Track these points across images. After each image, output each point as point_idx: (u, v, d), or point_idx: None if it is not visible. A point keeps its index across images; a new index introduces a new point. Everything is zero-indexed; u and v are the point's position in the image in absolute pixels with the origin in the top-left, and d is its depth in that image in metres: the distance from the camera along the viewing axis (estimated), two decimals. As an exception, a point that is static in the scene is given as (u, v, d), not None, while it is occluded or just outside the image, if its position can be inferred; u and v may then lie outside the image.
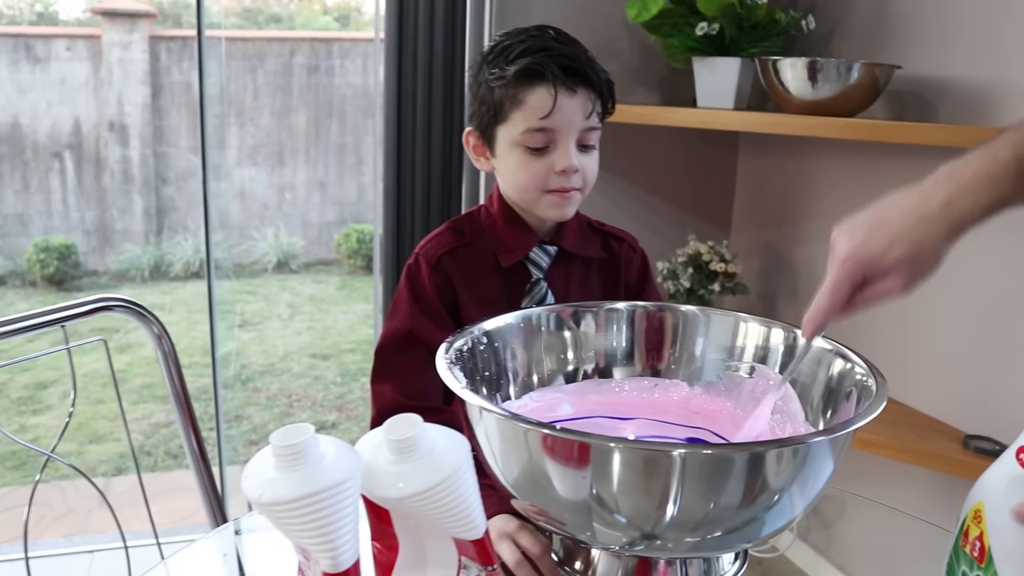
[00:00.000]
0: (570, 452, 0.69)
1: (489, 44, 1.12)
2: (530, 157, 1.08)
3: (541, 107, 1.05)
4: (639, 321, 1.01)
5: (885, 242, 0.79)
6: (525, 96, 1.06)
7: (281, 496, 0.58)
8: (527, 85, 1.05)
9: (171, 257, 5.40)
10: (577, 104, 1.06)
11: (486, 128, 1.11)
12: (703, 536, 0.73)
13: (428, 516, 0.63)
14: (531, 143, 1.07)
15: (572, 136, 1.07)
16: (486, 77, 1.09)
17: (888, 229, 0.80)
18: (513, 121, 1.08)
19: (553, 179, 1.08)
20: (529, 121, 1.06)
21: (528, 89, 1.06)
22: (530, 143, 1.07)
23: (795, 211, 2.14)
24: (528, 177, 1.08)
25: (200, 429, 1.26)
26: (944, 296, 1.73)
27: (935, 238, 0.78)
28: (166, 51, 5.35)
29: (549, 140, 1.07)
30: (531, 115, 1.06)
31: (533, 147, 1.07)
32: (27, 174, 5.23)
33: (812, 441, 0.71)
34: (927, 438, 1.69)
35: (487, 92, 1.09)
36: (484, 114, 1.10)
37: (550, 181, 1.08)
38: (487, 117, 1.10)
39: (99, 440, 3.70)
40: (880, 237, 0.80)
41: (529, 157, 1.08)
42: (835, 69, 1.68)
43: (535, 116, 1.06)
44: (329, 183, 5.73)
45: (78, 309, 1.16)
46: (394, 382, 1.08)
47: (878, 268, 0.80)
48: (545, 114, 1.05)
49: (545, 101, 1.05)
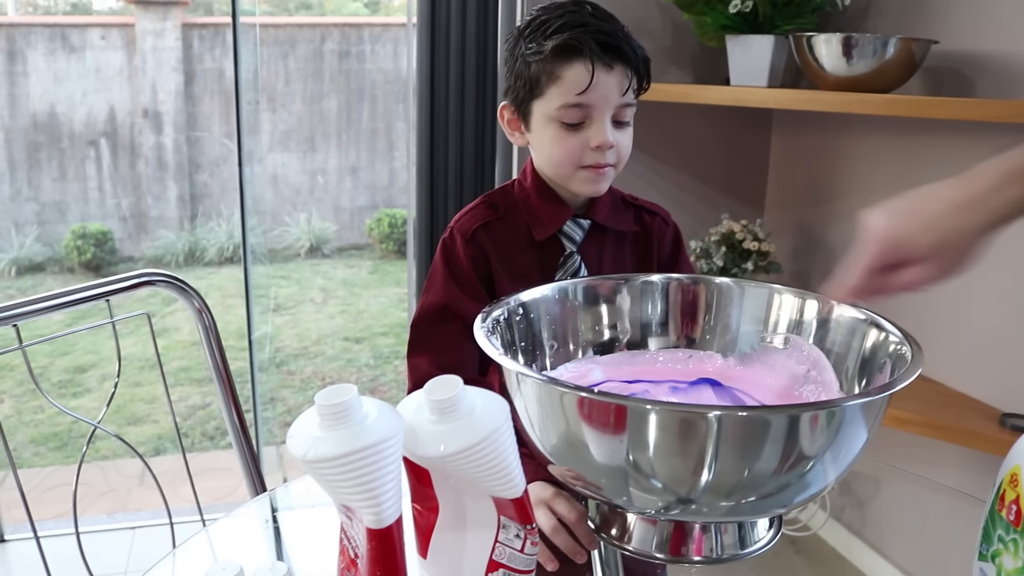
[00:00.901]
0: (606, 415, 0.70)
1: (526, 18, 1.13)
2: (565, 132, 1.08)
3: (578, 83, 1.05)
4: (674, 293, 1.01)
5: (922, 227, 0.77)
6: (562, 71, 1.06)
7: (326, 453, 0.59)
8: (564, 60, 1.06)
9: (205, 243, 5.46)
10: (613, 80, 1.07)
11: (521, 103, 1.12)
12: (737, 500, 0.74)
13: (468, 475, 0.64)
14: (567, 119, 1.08)
15: (608, 112, 1.08)
16: (522, 51, 1.09)
17: (925, 215, 0.78)
18: (549, 96, 1.08)
19: (588, 155, 1.08)
20: (565, 97, 1.07)
21: (565, 64, 1.06)
22: (566, 119, 1.08)
23: (829, 190, 2.12)
24: (563, 153, 1.09)
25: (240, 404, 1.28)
26: (980, 273, 1.71)
27: (973, 229, 0.76)
28: (198, 38, 5.40)
29: (585, 116, 1.08)
30: (567, 91, 1.06)
31: (569, 123, 1.08)
32: (64, 162, 5.31)
33: (847, 404, 0.72)
34: (962, 416, 1.68)
35: (523, 67, 1.09)
36: (520, 89, 1.11)
37: (585, 157, 1.09)
38: (523, 92, 1.11)
39: (137, 422, 3.76)
40: (916, 222, 0.78)
41: (564, 132, 1.08)
42: (871, 45, 1.66)
43: (571, 92, 1.06)
44: (361, 168, 5.76)
45: (122, 284, 1.19)
46: (430, 355, 1.10)
47: (911, 254, 0.78)
48: (582, 90, 1.06)
49: (582, 77, 1.05)
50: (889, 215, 0.79)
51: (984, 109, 1.53)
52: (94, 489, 3.01)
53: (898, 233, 0.78)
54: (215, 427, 3.76)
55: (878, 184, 1.96)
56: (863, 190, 2.00)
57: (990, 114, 1.51)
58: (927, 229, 0.77)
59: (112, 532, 2.49)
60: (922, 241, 0.77)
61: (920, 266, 0.79)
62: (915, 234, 0.77)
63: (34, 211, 5.32)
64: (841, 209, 2.08)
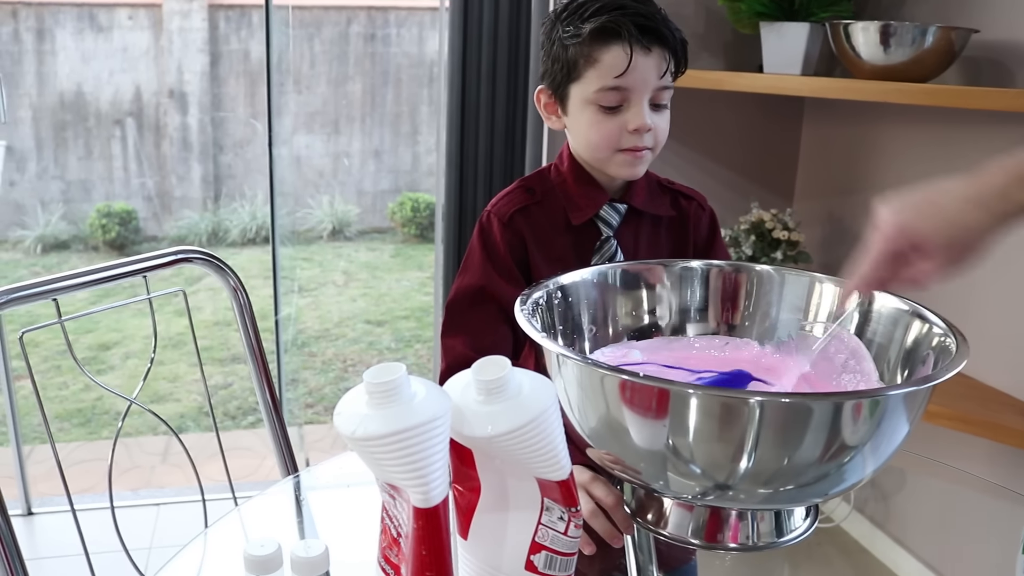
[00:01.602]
0: (648, 399, 0.70)
1: (562, 1, 1.12)
2: (603, 116, 1.08)
3: (616, 66, 1.05)
4: (714, 280, 1.01)
5: (933, 221, 0.78)
6: (600, 54, 1.06)
7: (374, 431, 0.59)
8: (602, 43, 1.05)
9: (228, 223, 5.49)
10: (652, 63, 1.06)
11: (559, 86, 1.12)
12: (775, 488, 0.74)
13: (515, 456, 0.64)
14: (605, 102, 1.07)
15: (646, 95, 1.07)
16: (560, 35, 1.09)
17: (937, 209, 0.78)
18: (587, 79, 1.07)
19: (626, 138, 1.08)
20: (604, 80, 1.06)
21: (603, 47, 1.05)
22: (604, 102, 1.07)
23: (861, 180, 2.10)
24: (601, 136, 1.09)
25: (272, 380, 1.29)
26: (1013, 268, 1.70)
27: (985, 225, 0.77)
28: (224, 20, 5.41)
29: (623, 99, 1.07)
30: (606, 74, 1.06)
31: (607, 106, 1.07)
32: (90, 141, 5.34)
33: (890, 394, 0.71)
34: (994, 411, 1.67)
35: (560, 50, 1.09)
36: (557, 72, 1.10)
37: (623, 140, 1.08)
38: (560, 75, 1.10)
39: (160, 400, 3.79)
40: (928, 216, 0.78)
41: (602, 116, 1.08)
42: (909, 33, 1.65)
43: (610, 75, 1.05)
44: (384, 151, 5.76)
45: (159, 260, 1.19)
46: (465, 336, 1.10)
47: (920, 247, 0.79)
48: (620, 73, 1.05)
49: (620, 60, 1.05)
50: (901, 207, 0.80)
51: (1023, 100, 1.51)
52: (118, 466, 3.01)
53: (908, 225, 0.79)
54: (237, 407, 3.79)
55: (912, 175, 1.94)
56: (896, 181, 1.98)
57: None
58: (937, 223, 0.78)
59: (137, 508, 2.52)
60: (931, 234, 0.78)
61: (928, 259, 0.79)
62: (925, 227, 0.78)
63: (60, 189, 5.36)
64: (872, 200, 2.06)
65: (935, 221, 0.78)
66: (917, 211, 0.79)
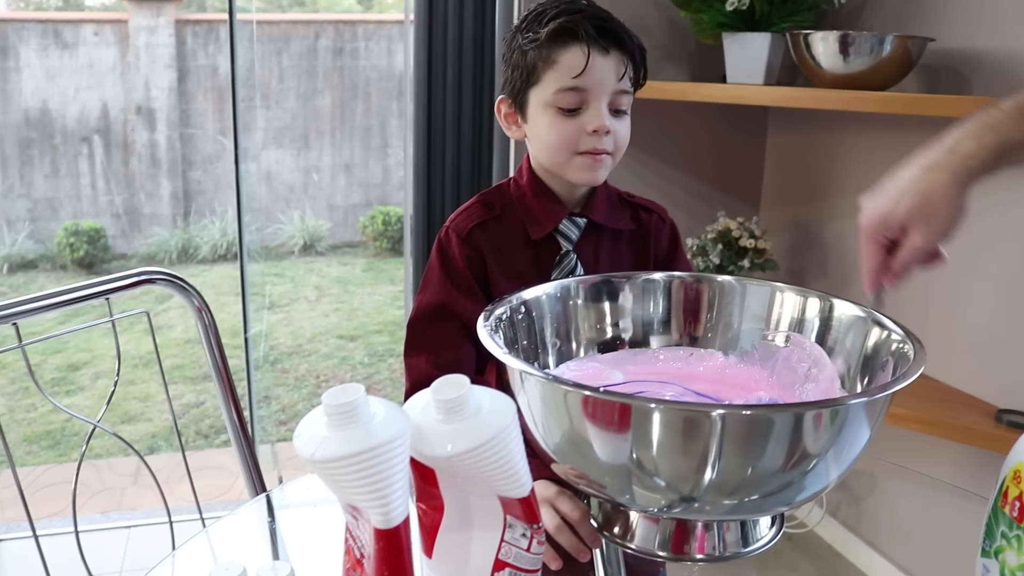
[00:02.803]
0: (610, 414, 0.70)
1: (523, 15, 1.13)
2: (562, 118, 1.08)
3: (574, 66, 1.06)
4: (676, 291, 1.01)
5: (895, 198, 0.82)
6: (558, 55, 1.07)
7: (333, 453, 0.59)
8: (560, 44, 1.07)
9: (199, 240, 5.45)
10: (610, 64, 1.07)
11: (518, 93, 1.12)
12: (740, 499, 0.74)
13: (475, 475, 0.64)
14: (563, 103, 1.08)
15: (604, 97, 1.08)
16: (519, 43, 1.10)
17: (897, 185, 0.83)
18: (546, 82, 1.08)
19: (584, 140, 1.08)
20: (562, 80, 1.07)
21: (561, 48, 1.07)
22: (562, 103, 1.08)
23: (825, 187, 2.13)
24: (560, 138, 1.09)
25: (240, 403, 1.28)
26: (975, 270, 1.72)
27: (941, 184, 0.80)
28: (192, 35, 5.38)
29: (581, 100, 1.08)
30: (564, 74, 1.07)
31: (565, 107, 1.08)
32: (56, 159, 5.29)
33: (850, 403, 0.72)
34: (959, 412, 1.69)
35: (520, 56, 1.10)
36: (516, 79, 1.11)
37: (581, 142, 1.08)
38: (519, 81, 1.11)
39: (131, 420, 3.75)
40: (891, 194, 0.83)
41: (561, 118, 1.08)
42: (867, 42, 1.67)
43: (568, 75, 1.06)
44: (355, 165, 5.75)
45: (121, 282, 1.18)
46: (427, 354, 1.10)
47: (893, 224, 0.82)
48: (578, 73, 1.06)
49: (578, 60, 1.06)
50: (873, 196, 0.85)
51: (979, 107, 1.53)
52: (88, 488, 3.00)
53: (878, 211, 0.83)
54: (209, 425, 3.75)
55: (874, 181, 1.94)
56: (859, 187, 1.99)
57: (987, 112, 1.51)
58: (901, 197, 0.82)
59: (107, 531, 2.49)
60: (898, 210, 0.82)
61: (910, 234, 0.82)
62: (891, 206, 0.82)
63: (26, 208, 5.30)
64: (837, 206, 2.09)
65: (900, 199, 0.82)
66: (886, 195, 0.83)
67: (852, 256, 2.01)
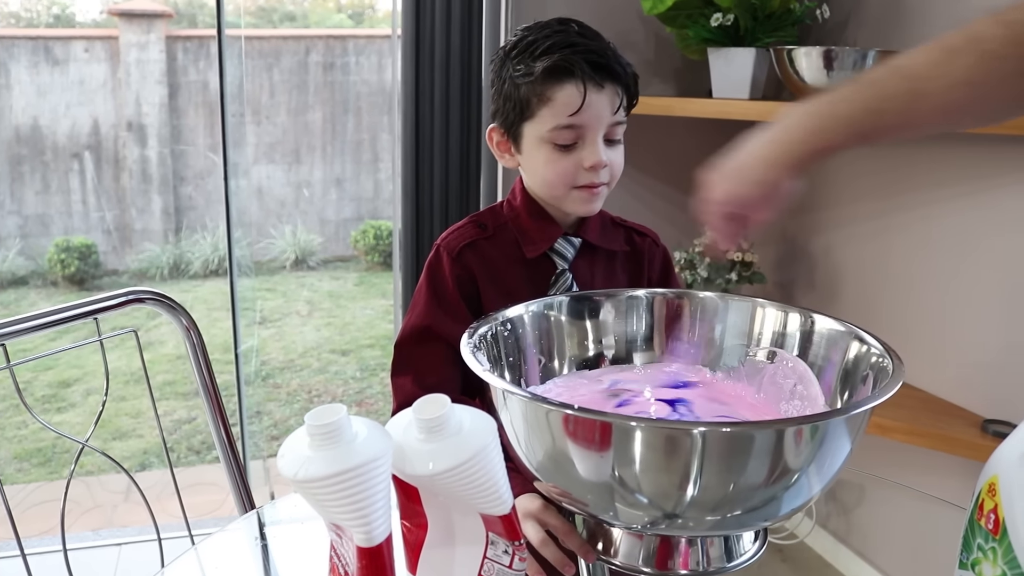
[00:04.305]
0: (591, 432, 0.71)
1: (511, 39, 1.12)
2: (559, 154, 1.08)
3: (570, 104, 1.05)
4: (658, 307, 1.02)
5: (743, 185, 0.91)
6: (553, 93, 1.06)
7: (316, 473, 0.60)
8: (555, 82, 1.05)
9: (190, 255, 5.45)
10: (605, 99, 1.07)
11: (511, 125, 1.11)
12: (723, 515, 0.75)
13: (457, 493, 0.65)
14: (560, 140, 1.07)
15: (600, 131, 1.08)
16: (511, 73, 1.09)
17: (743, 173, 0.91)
18: (541, 118, 1.07)
19: (582, 175, 1.08)
20: (558, 118, 1.06)
21: (556, 86, 1.05)
22: (559, 140, 1.07)
23: (811, 200, 2.14)
24: (557, 174, 1.09)
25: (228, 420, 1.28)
26: (962, 280, 1.73)
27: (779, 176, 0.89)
28: (183, 51, 5.39)
29: (578, 136, 1.07)
30: (560, 112, 1.06)
31: (562, 144, 1.07)
32: (47, 175, 5.29)
33: (830, 420, 0.73)
34: (945, 423, 1.70)
35: (512, 89, 1.09)
36: (509, 111, 1.10)
37: (579, 177, 1.08)
38: (513, 114, 1.10)
39: (122, 436, 3.74)
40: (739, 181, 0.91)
41: (558, 154, 1.08)
42: (850, 57, 1.68)
43: (564, 113, 1.06)
44: (346, 180, 5.76)
45: (110, 302, 1.19)
46: (412, 375, 1.10)
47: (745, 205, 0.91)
48: (574, 111, 1.05)
49: (574, 98, 1.05)
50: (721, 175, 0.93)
51: (962, 121, 1.54)
52: (79, 505, 2.99)
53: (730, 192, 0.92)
54: (201, 441, 3.74)
55: (858, 193, 1.98)
56: (844, 200, 2.02)
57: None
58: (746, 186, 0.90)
59: (98, 549, 2.48)
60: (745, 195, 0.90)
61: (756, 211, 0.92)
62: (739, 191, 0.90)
63: (17, 224, 5.29)
64: (823, 219, 2.10)
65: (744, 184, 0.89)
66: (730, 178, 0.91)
67: (840, 268, 2.03)
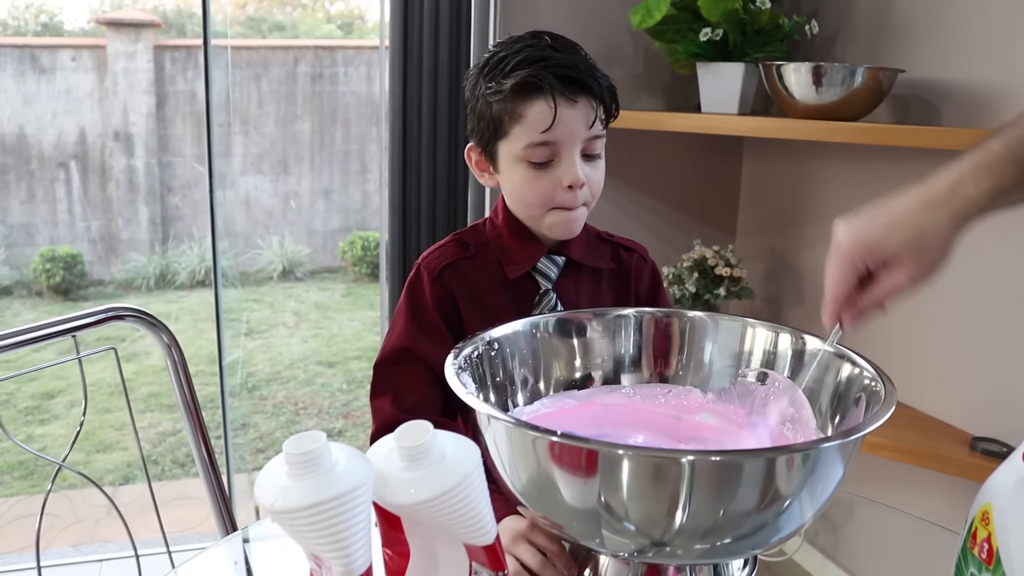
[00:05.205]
0: (577, 459, 0.69)
1: (484, 55, 1.10)
2: (535, 173, 1.06)
3: (541, 121, 1.03)
4: (647, 327, 1.01)
5: (887, 227, 0.78)
6: (524, 110, 1.03)
7: (294, 503, 0.58)
8: (525, 99, 1.03)
9: (176, 266, 5.41)
10: (578, 114, 1.04)
11: (487, 144, 1.09)
12: (712, 543, 0.74)
13: (439, 522, 0.63)
14: (534, 158, 1.05)
15: (576, 147, 1.05)
16: (483, 91, 1.07)
17: (890, 215, 0.79)
18: (514, 136, 1.05)
19: (560, 195, 1.06)
20: (530, 136, 1.04)
21: (527, 103, 1.03)
22: (533, 158, 1.05)
23: (800, 215, 2.14)
24: (534, 194, 1.06)
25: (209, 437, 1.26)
26: (951, 298, 1.72)
27: (939, 223, 0.77)
28: (170, 60, 5.37)
29: (552, 153, 1.05)
30: (532, 129, 1.03)
31: (536, 162, 1.05)
32: (33, 184, 5.24)
33: (822, 447, 0.71)
34: (934, 440, 1.69)
35: (485, 107, 1.07)
36: (484, 130, 1.08)
37: (557, 197, 1.06)
38: (487, 133, 1.08)
39: (106, 449, 3.70)
40: (881, 223, 0.78)
41: (534, 173, 1.06)
42: (839, 73, 1.68)
43: (536, 130, 1.03)
44: (334, 191, 5.74)
45: (88, 319, 1.16)
46: (392, 397, 1.07)
47: (880, 255, 0.78)
48: (546, 128, 1.03)
49: (545, 115, 1.02)
50: (854, 222, 0.80)
51: (949, 137, 1.54)
52: (60, 520, 2.95)
53: (864, 236, 0.79)
54: (186, 454, 3.71)
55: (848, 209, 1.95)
56: (833, 215, 1.99)
57: (955, 142, 1.52)
58: (894, 228, 0.78)
59: (78, 565, 2.44)
60: (891, 241, 0.77)
61: (894, 269, 0.78)
62: (882, 234, 0.78)
63: (1, 234, 5.25)
64: (812, 234, 2.10)
65: (893, 229, 0.77)
66: (871, 221, 0.79)
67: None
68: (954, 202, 0.77)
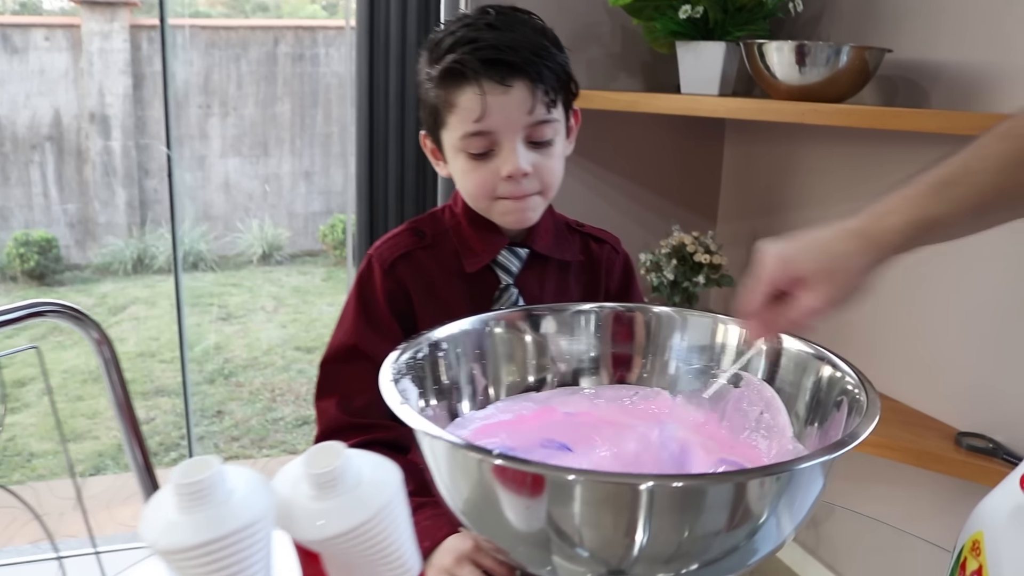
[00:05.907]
0: (523, 480, 0.62)
1: (429, 36, 1.01)
2: (475, 163, 0.98)
3: (471, 109, 0.94)
4: (609, 324, 0.93)
5: (803, 248, 0.78)
6: (454, 98, 0.95)
7: (181, 542, 0.50)
8: (455, 86, 0.95)
9: (154, 250, 5.33)
10: (513, 100, 0.94)
11: (432, 132, 1.02)
12: (678, 570, 0.66)
13: (353, 558, 0.55)
14: (471, 148, 0.97)
15: (515, 136, 0.96)
16: (423, 78, 0.99)
17: (811, 239, 0.79)
18: (451, 126, 0.97)
19: (502, 185, 0.98)
20: (464, 125, 0.95)
21: (456, 90, 0.95)
22: (470, 148, 0.97)
23: (782, 200, 2.07)
24: (475, 185, 0.99)
25: (144, 437, 1.18)
26: (934, 289, 1.67)
27: (855, 250, 0.77)
28: (147, 40, 5.26)
29: (491, 143, 0.96)
30: (464, 119, 0.95)
31: (474, 152, 0.97)
32: (6, 167, 5.15)
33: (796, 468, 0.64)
34: (918, 435, 1.63)
35: (425, 94, 0.99)
36: (428, 118, 1.01)
37: (499, 188, 0.98)
38: (430, 121, 1.01)
39: (77, 438, 3.63)
40: (800, 244, 0.79)
41: (474, 163, 0.98)
42: (823, 53, 1.61)
43: (468, 119, 0.95)
44: (314, 173, 5.66)
45: (9, 315, 1.08)
46: (338, 398, 1.00)
47: (793, 272, 0.78)
48: (477, 116, 0.94)
49: (473, 103, 0.94)
50: (781, 241, 0.80)
51: (938, 120, 1.47)
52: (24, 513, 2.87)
53: (782, 252, 0.79)
54: (159, 443, 3.64)
55: (832, 194, 1.91)
56: (816, 200, 1.95)
57: (944, 126, 1.45)
58: (809, 249, 0.78)
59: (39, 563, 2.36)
60: (803, 260, 0.78)
61: (808, 289, 0.77)
62: (796, 254, 0.78)
63: (-26, 217, 5.16)
64: (795, 220, 2.03)
65: (814, 253, 0.78)
66: (793, 244, 0.79)
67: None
68: (875, 232, 0.77)
